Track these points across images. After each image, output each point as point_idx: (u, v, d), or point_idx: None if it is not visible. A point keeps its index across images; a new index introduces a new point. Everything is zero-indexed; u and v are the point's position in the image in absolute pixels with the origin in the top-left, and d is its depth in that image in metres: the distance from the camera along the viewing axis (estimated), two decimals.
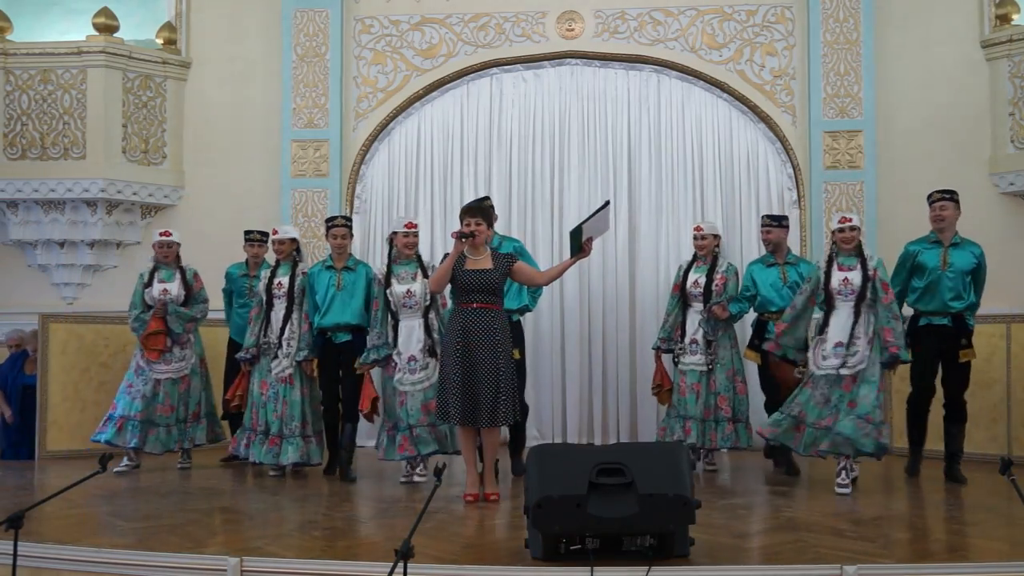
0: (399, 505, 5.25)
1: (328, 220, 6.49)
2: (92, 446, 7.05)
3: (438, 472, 3.72)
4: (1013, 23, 7.87)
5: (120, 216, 8.37)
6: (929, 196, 6.11)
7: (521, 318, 6.43)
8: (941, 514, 4.95)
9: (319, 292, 6.33)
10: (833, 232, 5.81)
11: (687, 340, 6.43)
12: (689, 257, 6.66)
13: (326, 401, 6.45)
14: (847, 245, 5.64)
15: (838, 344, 5.52)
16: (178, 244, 6.82)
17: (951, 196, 6.02)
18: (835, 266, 5.64)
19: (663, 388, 6.63)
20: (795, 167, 7.87)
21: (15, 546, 3.43)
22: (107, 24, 8.26)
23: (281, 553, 3.96)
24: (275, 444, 6.22)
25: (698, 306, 6.42)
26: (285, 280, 6.39)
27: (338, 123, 8.14)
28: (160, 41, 8.53)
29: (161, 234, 6.81)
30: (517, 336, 6.19)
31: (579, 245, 5.04)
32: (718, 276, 6.40)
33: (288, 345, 6.32)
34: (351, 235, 6.58)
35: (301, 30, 8.17)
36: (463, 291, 5.21)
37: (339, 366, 6.33)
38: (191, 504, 5.26)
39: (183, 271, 6.78)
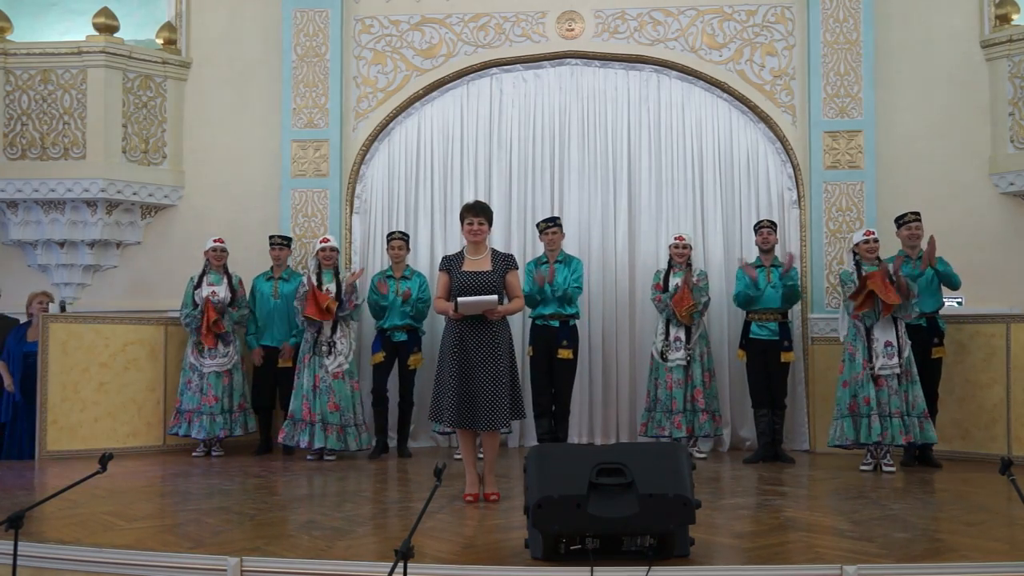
0: (399, 505, 5.25)
1: (389, 235, 7.51)
2: (92, 446, 7.16)
3: (438, 472, 3.72)
4: (1013, 23, 7.88)
5: (120, 216, 8.37)
6: (904, 217, 6.84)
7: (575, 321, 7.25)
8: (941, 514, 4.94)
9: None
10: (858, 244, 6.54)
11: (671, 338, 7.14)
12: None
13: (378, 389, 7.29)
14: (871, 255, 6.46)
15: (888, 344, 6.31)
16: (227, 252, 7.56)
17: (919, 215, 6.85)
18: (864, 273, 6.37)
19: (694, 306, 7.06)
20: (795, 167, 7.87)
21: (15, 546, 3.44)
22: (107, 24, 8.26)
23: (281, 553, 3.97)
24: (341, 433, 7.02)
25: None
26: (332, 287, 7.15)
27: (338, 123, 8.14)
28: (160, 41, 8.53)
29: (215, 241, 7.56)
30: (571, 338, 7.15)
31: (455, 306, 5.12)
32: (695, 278, 7.16)
33: (340, 343, 7.08)
34: (408, 248, 7.52)
35: (301, 30, 8.17)
36: (459, 293, 5.19)
37: (396, 360, 7.35)
38: (191, 504, 5.26)
39: (229, 276, 7.55)
